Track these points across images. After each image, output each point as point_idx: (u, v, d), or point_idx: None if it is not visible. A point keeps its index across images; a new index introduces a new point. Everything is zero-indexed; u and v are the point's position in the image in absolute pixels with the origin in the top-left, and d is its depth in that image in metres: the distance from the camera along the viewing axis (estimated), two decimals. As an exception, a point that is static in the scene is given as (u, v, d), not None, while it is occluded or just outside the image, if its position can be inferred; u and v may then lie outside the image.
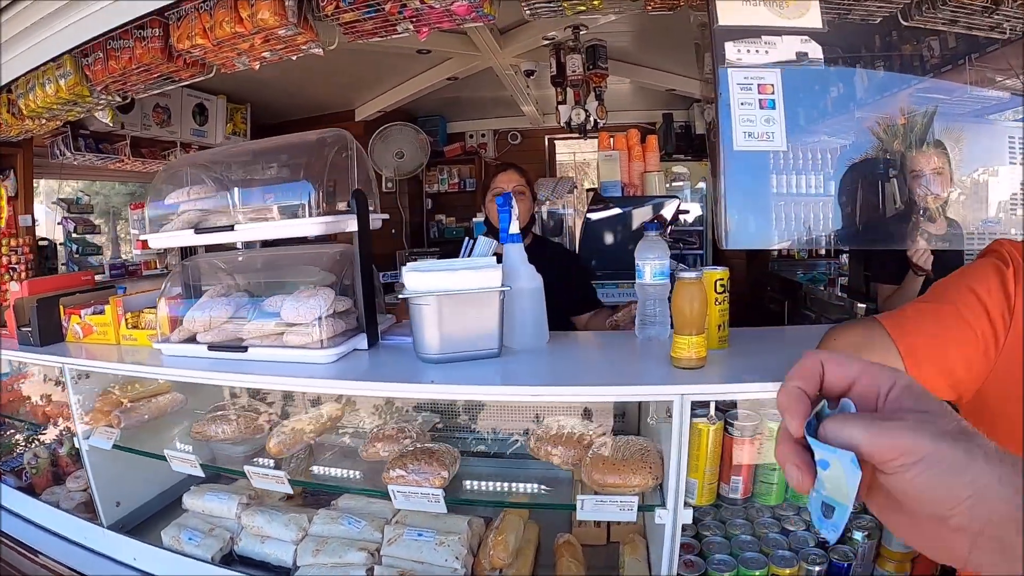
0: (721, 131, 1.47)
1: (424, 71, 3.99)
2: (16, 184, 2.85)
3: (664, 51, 3.61)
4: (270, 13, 1.63)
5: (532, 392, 1.14)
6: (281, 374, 1.38)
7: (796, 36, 1.52)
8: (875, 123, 1.59)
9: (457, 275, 1.27)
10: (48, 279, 2.17)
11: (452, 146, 5.66)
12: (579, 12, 1.70)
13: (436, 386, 1.20)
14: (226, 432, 1.66)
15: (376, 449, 1.46)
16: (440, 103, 5.12)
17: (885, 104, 1.62)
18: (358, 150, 1.50)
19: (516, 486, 1.45)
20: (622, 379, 1.20)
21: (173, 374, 1.55)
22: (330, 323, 1.41)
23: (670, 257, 1.45)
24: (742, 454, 1.18)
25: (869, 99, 1.66)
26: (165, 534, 1.78)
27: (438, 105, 5.23)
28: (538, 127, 5.35)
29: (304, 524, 1.70)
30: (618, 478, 1.19)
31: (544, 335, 1.48)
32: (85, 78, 2.04)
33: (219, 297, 1.60)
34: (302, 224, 1.35)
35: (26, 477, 2.24)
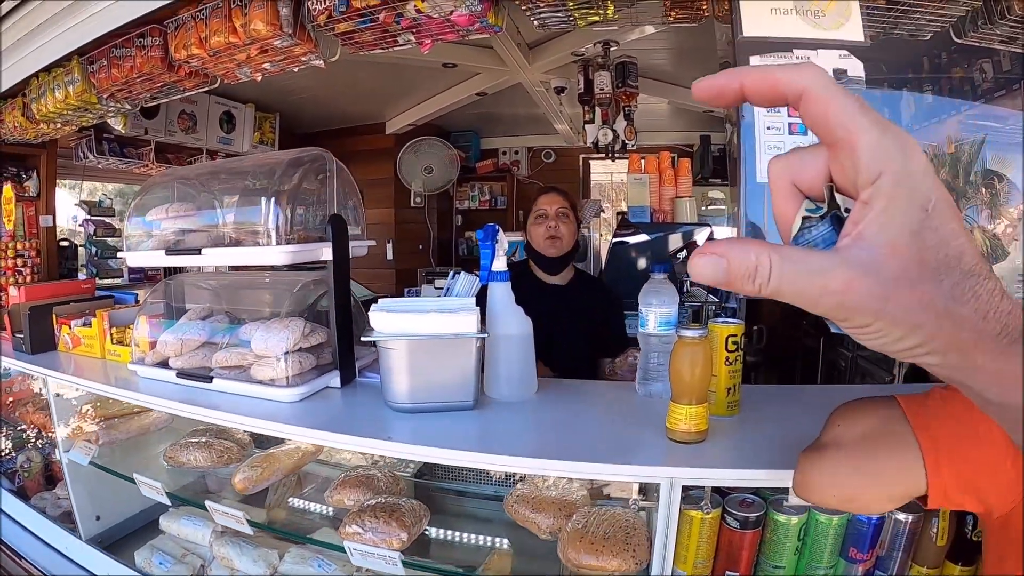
0: (743, 158, 1.31)
1: (452, 86, 3.93)
2: (38, 185, 2.89)
3: (701, 69, 3.40)
4: (263, 23, 1.56)
5: (494, 461, 1.00)
6: (242, 412, 1.28)
7: (834, 50, 1.33)
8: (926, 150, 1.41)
9: (427, 318, 1.14)
10: (46, 286, 2.16)
11: (484, 162, 5.56)
12: (592, 23, 1.57)
13: (392, 444, 1.06)
14: (198, 460, 1.58)
15: (341, 497, 1.35)
16: (473, 118, 5.05)
17: (932, 131, 1.47)
18: (341, 171, 1.39)
19: (491, 541, 1.34)
20: (606, 450, 1.03)
21: (141, 399, 1.48)
22: (297, 359, 1.30)
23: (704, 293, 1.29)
24: (741, 548, 1.01)
25: (916, 125, 1.49)
26: (138, 555, 1.73)
27: (471, 120, 5.16)
28: (572, 146, 5.20)
29: (274, 561, 1.61)
30: (595, 560, 1.04)
31: (531, 386, 1.33)
32: (91, 85, 2.03)
33: (196, 320, 1.52)
34: (267, 252, 1.24)
35: (19, 480, 2.23)
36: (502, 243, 1.27)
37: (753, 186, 1.25)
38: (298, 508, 1.67)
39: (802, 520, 1.01)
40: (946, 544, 1.08)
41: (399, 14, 1.48)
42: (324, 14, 1.51)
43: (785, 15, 1.34)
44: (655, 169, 3.22)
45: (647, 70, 3.45)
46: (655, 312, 1.24)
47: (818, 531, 1.02)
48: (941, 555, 1.08)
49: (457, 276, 1.30)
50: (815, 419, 1.09)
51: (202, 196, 1.42)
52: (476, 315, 1.16)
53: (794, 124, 1.26)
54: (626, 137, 3.15)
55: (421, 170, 4.83)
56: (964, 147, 1.43)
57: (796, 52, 1.33)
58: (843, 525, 1.03)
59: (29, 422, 2.14)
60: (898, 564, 1.08)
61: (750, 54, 1.31)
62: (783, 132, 1.25)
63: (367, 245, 1.49)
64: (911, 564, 1.09)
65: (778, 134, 1.25)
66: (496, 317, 1.25)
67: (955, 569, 1.11)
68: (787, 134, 1.25)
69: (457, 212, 5.66)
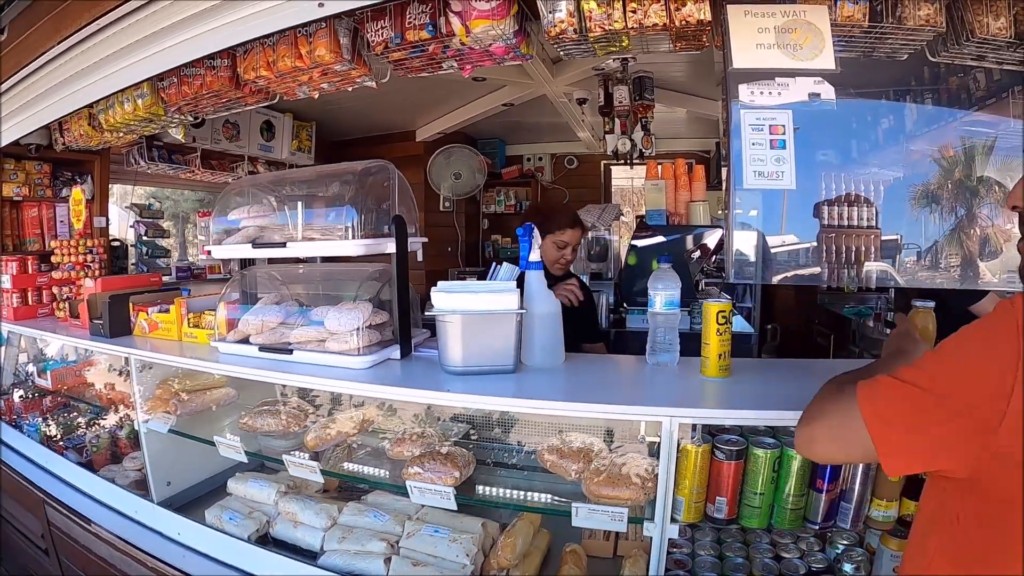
0: (732, 169, 1.57)
1: (481, 96, 4.18)
2: (93, 188, 3.16)
3: (714, 82, 3.66)
4: (326, 50, 1.82)
5: (530, 404, 1.29)
6: (321, 376, 1.55)
7: (809, 77, 1.59)
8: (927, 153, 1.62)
9: (478, 297, 1.43)
10: (119, 278, 2.42)
11: (510, 168, 5.81)
12: (610, 53, 1.83)
13: (451, 394, 1.35)
14: (270, 425, 1.84)
15: (401, 449, 1.61)
16: (499, 127, 5.30)
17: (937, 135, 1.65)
18: (400, 179, 1.67)
19: (527, 494, 1.57)
20: (620, 398, 1.32)
21: (227, 370, 1.75)
22: (366, 334, 1.57)
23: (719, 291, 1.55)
24: (727, 476, 1.28)
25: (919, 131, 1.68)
26: (208, 513, 1.97)
27: (497, 128, 5.41)
28: (594, 152, 5.42)
29: (334, 514, 1.87)
30: (611, 490, 1.31)
31: (559, 355, 1.61)
32: (160, 100, 2.27)
33: (272, 304, 1.79)
34: (345, 245, 1.53)
35: (87, 454, 2.48)
36: (536, 239, 1.56)
37: (741, 191, 1.51)
38: (353, 470, 1.90)
39: (775, 454, 1.28)
40: (900, 481, 1.31)
41: (446, 46, 1.75)
42: (381, 45, 1.78)
43: (768, 49, 1.58)
44: (671, 175, 3.46)
45: (664, 81, 3.68)
46: (661, 295, 1.51)
47: (789, 464, 1.29)
48: (896, 490, 1.32)
49: (500, 266, 1.58)
50: (795, 384, 1.37)
51: (280, 199, 1.69)
52: (517, 295, 1.44)
53: (774, 140, 1.52)
54: (643, 146, 3.42)
55: (450, 176, 5.10)
56: (975, 148, 1.58)
57: (777, 80, 1.60)
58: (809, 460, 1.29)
59: (106, 400, 2.39)
60: (857, 496, 1.32)
61: (739, 82, 1.57)
62: (765, 147, 1.51)
63: (421, 241, 1.77)
64: (872, 498, 1.34)
65: (761, 148, 1.51)
66: (532, 298, 1.54)
67: (910, 504, 1.34)
68: (768, 148, 1.51)
69: (484, 216, 5.94)
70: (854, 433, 0.81)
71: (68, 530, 2.42)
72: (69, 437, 2.62)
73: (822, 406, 0.90)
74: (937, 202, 1.59)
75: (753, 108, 1.54)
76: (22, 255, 2.78)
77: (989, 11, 1.55)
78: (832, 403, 0.88)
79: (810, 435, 0.89)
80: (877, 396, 0.80)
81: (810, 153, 1.56)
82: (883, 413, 0.78)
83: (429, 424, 1.78)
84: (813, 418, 0.89)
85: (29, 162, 3.10)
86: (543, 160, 5.84)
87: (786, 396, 1.32)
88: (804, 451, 0.94)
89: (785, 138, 1.54)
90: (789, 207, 1.57)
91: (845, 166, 1.61)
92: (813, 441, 0.89)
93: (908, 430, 0.76)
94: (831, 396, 0.90)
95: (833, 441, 0.87)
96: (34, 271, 2.73)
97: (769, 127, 1.54)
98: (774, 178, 1.53)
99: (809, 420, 0.90)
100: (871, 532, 1.59)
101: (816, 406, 0.91)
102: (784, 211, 1.58)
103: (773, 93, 1.57)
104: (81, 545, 2.33)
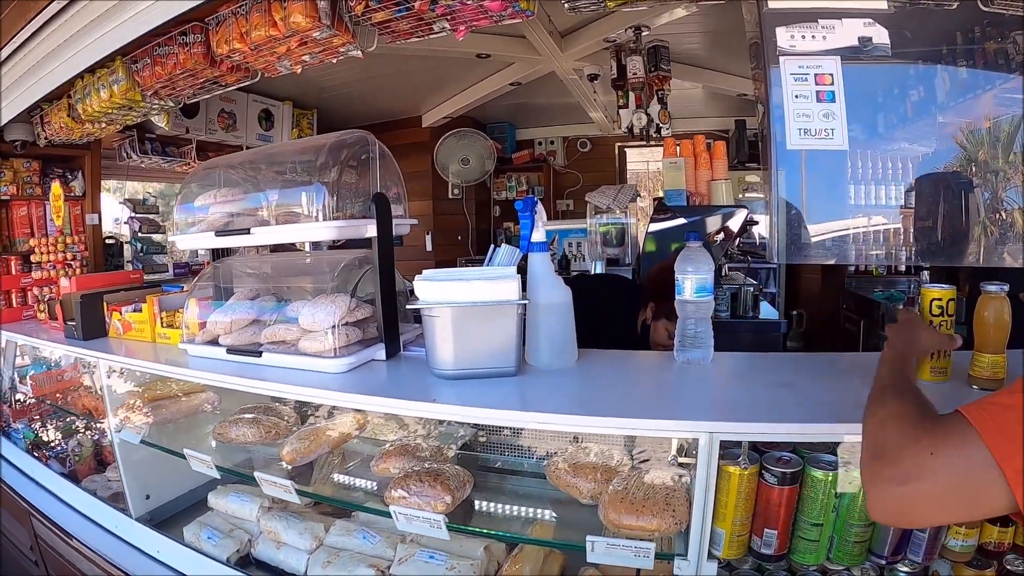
0: (772, 128, 1.32)
1: (487, 76, 4.00)
2: (84, 184, 3.01)
3: (735, 54, 3.44)
4: (302, 16, 1.61)
5: (537, 419, 1.04)
6: (293, 382, 1.34)
7: (858, 19, 1.34)
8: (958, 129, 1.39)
9: (471, 285, 1.19)
10: (96, 276, 2.26)
11: (520, 153, 5.62)
12: (622, 4, 1.59)
13: (438, 406, 1.11)
14: (247, 436, 1.64)
15: (387, 465, 1.40)
16: (508, 110, 5.13)
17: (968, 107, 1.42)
18: (382, 151, 1.45)
19: (534, 512, 1.36)
20: (647, 408, 1.07)
21: (193, 375, 1.55)
22: (344, 332, 1.36)
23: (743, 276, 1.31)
24: (779, 505, 1.03)
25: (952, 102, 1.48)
26: (187, 530, 1.81)
27: (506, 112, 5.24)
28: (608, 134, 5.23)
29: (320, 534, 1.67)
30: (634, 519, 1.07)
31: (572, 354, 1.37)
32: (136, 83, 2.11)
33: (245, 300, 1.59)
34: (315, 228, 1.31)
35: (70, 464, 2.34)
36: (541, 215, 1.31)
37: (783, 155, 1.26)
38: (342, 484, 1.72)
39: (838, 476, 1.03)
40: None
41: (434, 2, 1.53)
42: (361, 4, 1.57)
43: (810, -16, 1.35)
44: (690, 153, 3.20)
45: (680, 55, 3.48)
46: (691, 279, 1.26)
47: (854, 488, 1.04)
48: (981, 516, 1.10)
49: (498, 247, 1.35)
50: (846, 383, 1.12)
51: (247, 181, 1.48)
52: (517, 282, 1.20)
53: (822, 92, 1.27)
54: (660, 121, 3.17)
55: (458, 161, 4.91)
56: (1003, 124, 1.38)
57: (821, 22, 1.35)
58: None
59: (81, 407, 2.23)
60: (936, 524, 1.09)
61: (776, 25, 1.33)
62: (811, 100, 1.27)
63: (409, 224, 1.54)
64: (950, 524, 1.11)
65: (806, 102, 1.26)
66: (537, 286, 1.29)
67: (993, 531, 1.13)
68: (815, 101, 1.27)
69: (495, 203, 5.75)
70: (978, 479, 0.58)
71: (53, 544, 2.29)
72: (53, 446, 2.47)
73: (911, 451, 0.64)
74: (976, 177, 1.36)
75: (795, 55, 1.30)
76: (7, 256, 2.64)
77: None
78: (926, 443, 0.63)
79: (911, 495, 0.63)
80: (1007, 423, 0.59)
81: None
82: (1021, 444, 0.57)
83: (431, 426, 1.56)
84: (909, 475, 0.63)
85: (17, 160, 2.97)
86: (555, 144, 5.64)
87: (850, 403, 1.07)
88: (896, 516, 0.68)
89: (834, 89, 1.30)
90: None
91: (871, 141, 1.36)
92: (917, 506, 0.63)
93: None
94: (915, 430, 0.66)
95: (947, 499, 0.62)
96: (18, 272, 2.58)
97: (815, 76, 1.30)
98: (823, 136, 1.28)
99: (902, 477, 0.63)
100: (941, 561, 1.34)
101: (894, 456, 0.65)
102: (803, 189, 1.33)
103: (817, 36, 1.33)
104: (66, 560, 2.21)
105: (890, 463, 0.65)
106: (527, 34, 3.01)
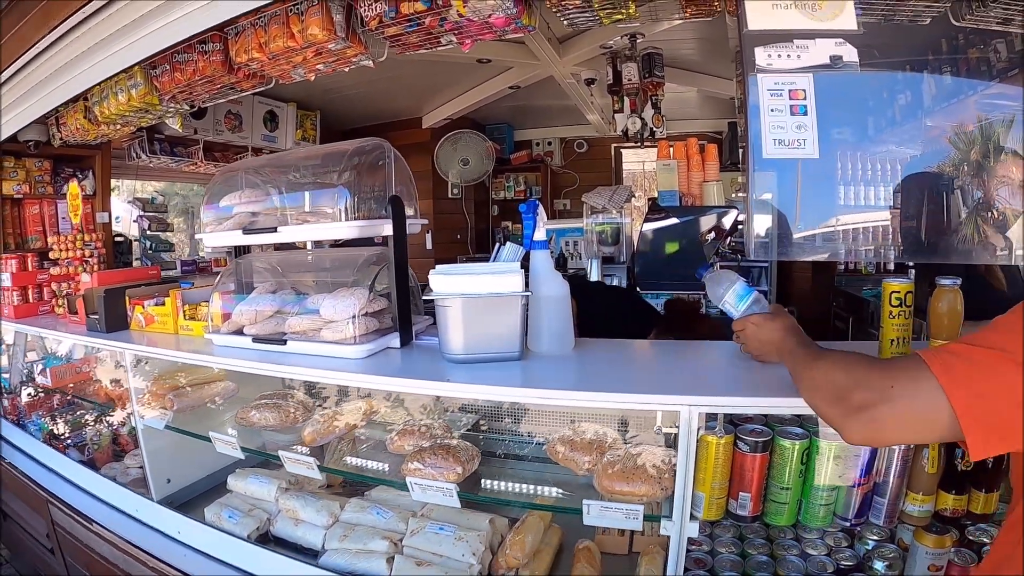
0: (750, 139, 1.46)
1: (487, 80, 4.12)
2: (95, 184, 3.12)
3: (727, 59, 3.58)
4: (319, 28, 1.74)
5: (537, 394, 1.19)
6: (317, 367, 1.47)
7: (830, 39, 1.48)
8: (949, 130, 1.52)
9: (480, 279, 1.33)
10: (116, 272, 2.37)
11: (519, 154, 5.75)
12: (616, 21, 1.72)
13: (452, 384, 1.25)
14: (268, 420, 1.76)
15: (402, 443, 1.53)
16: (506, 111, 5.24)
17: (955, 111, 1.54)
18: (396, 157, 1.58)
19: (535, 488, 1.48)
20: (635, 385, 1.22)
21: (221, 363, 1.67)
22: (363, 322, 1.49)
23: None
24: (752, 470, 1.18)
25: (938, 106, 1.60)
26: (208, 511, 1.91)
27: (505, 113, 5.35)
28: (604, 136, 5.36)
29: (336, 511, 1.79)
30: (626, 486, 1.21)
31: (569, 341, 1.51)
32: (154, 88, 2.22)
33: (267, 293, 1.72)
34: (338, 227, 1.44)
35: (88, 452, 2.44)
36: (542, 216, 1.45)
37: (760, 163, 1.41)
38: (355, 465, 1.84)
39: (804, 445, 1.17)
40: (937, 472, 1.21)
41: (443, 18, 1.66)
42: (375, 20, 1.69)
43: (785, 9, 1.48)
44: (683, 155, 3.35)
45: (674, 60, 3.60)
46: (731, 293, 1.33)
47: (819, 456, 1.18)
48: (934, 483, 1.22)
49: (503, 245, 1.49)
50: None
51: (269, 183, 1.61)
52: (521, 276, 1.34)
53: (795, 106, 1.42)
54: (654, 125, 3.33)
55: (458, 162, 5.03)
56: (993, 126, 1.46)
57: (796, 42, 1.49)
58: (842, 449, 1.19)
59: (104, 396, 2.34)
60: (893, 489, 1.22)
61: (755, 45, 1.46)
62: (785, 113, 1.41)
63: (420, 223, 1.68)
64: (907, 491, 1.24)
65: (780, 115, 1.41)
66: (538, 280, 1.43)
67: (948, 498, 1.24)
68: (789, 115, 1.41)
69: (493, 203, 5.91)
70: (932, 411, 0.72)
71: (72, 530, 2.38)
72: (71, 435, 2.58)
73: (878, 384, 0.78)
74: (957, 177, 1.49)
75: (771, 72, 1.44)
76: (23, 253, 2.73)
77: (1019, -32, 1.43)
78: (888, 379, 0.77)
79: (872, 419, 0.77)
80: (955, 366, 0.72)
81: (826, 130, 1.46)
82: (969, 384, 0.70)
83: (436, 415, 1.70)
84: (872, 401, 0.77)
85: (29, 159, 3.07)
86: (552, 144, 5.77)
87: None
88: (865, 438, 0.83)
89: (806, 103, 1.44)
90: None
91: (861, 144, 1.51)
92: (880, 427, 0.78)
93: (1006, 402, 0.68)
94: (880, 371, 0.79)
95: (906, 423, 0.77)
96: (34, 268, 2.68)
97: (789, 92, 1.44)
98: (795, 147, 1.42)
99: (867, 404, 0.78)
100: (903, 527, 1.49)
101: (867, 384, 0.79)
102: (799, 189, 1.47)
103: (792, 56, 1.47)
104: (84, 545, 2.30)
105: (855, 390, 0.80)
106: (526, 40, 3.13)
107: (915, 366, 0.75)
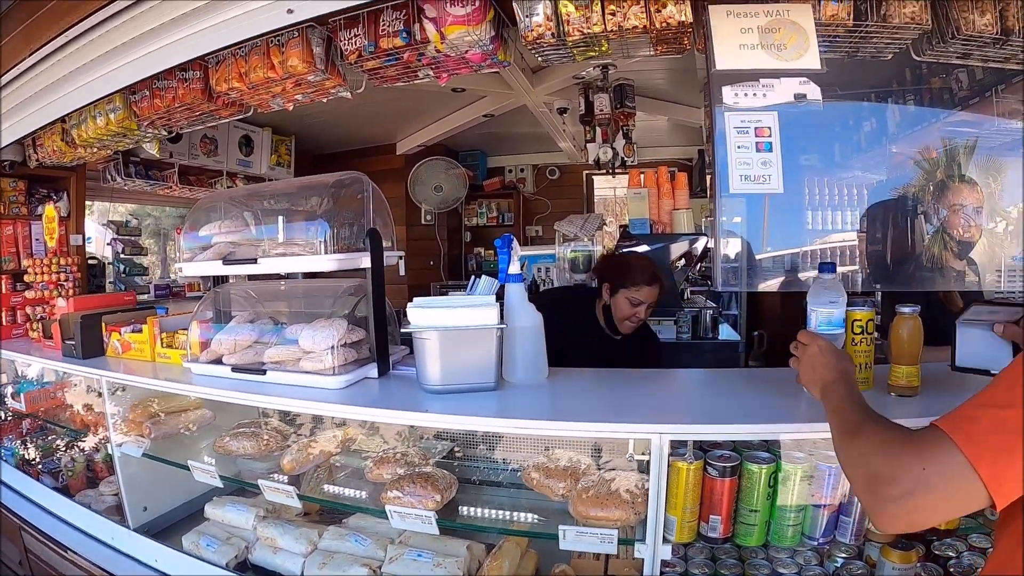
0: (717, 173, 1.52)
1: (461, 108, 4.16)
2: (69, 205, 3.09)
3: (696, 88, 3.66)
4: (299, 60, 1.77)
5: (512, 424, 1.23)
6: (295, 397, 1.49)
7: (794, 78, 1.55)
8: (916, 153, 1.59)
9: (456, 312, 1.36)
10: (92, 297, 2.35)
11: (491, 180, 5.79)
12: (589, 58, 1.78)
13: (429, 415, 1.28)
14: (246, 448, 1.77)
15: (380, 471, 1.54)
16: (480, 138, 5.29)
17: (919, 137, 1.63)
18: (374, 191, 1.61)
19: (511, 514, 1.51)
20: (606, 415, 1.26)
21: (200, 392, 1.68)
22: (341, 352, 1.51)
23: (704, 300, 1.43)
24: (721, 494, 1.22)
25: (902, 133, 1.66)
26: (186, 539, 1.90)
27: (478, 140, 5.39)
28: (576, 163, 5.41)
29: (314, 538, 1.80)
30: (600, 511, 1.25)
31: (543, 370, 1.55)
32: (133, 113, 2.22)
33: (245, 323, 1.73)
34: (318, 260, 1.46)
35: (62, 479, 2.40)
36: (516, 250, 1.50)
37: (727, 197, 1.47)
38: (333, 493, 1.84)
39: (771, 469, 1.22)
40: None
41: (421, 53, 1.70)
42: (355, 54, 1.73)
43: (752, 50, 1.54)
44: (654, 183, 3.42)
45: (646, 89, 3.67)
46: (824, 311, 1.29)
47: (785, 479, 1.23)
48: (896, 503, 1.28)
49: (479, 279, 1.52)
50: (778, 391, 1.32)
51: (250, 214, 1.63)
52: (496, 309, 1.38)
53: (760, 143, 1.48)
54: (625, 154, 3.40)
55: (431, 189, 5.06)
56: (958, 150, 1.55)
57: (762, 81, 1.56)
58: (808, 472, 1.24)
59: (80, 423, 2.31)
60: (858, 509, 1.27)
61: (723, 84, 1.53)
62: (751, 150, 1.47)
63: (397, 256, 1.71)
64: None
65: (746, 152, 1.47)
66: (513, 312, 1.47)
67: None
68: (754, 151, 1.47)
69: (466, 229, 5.94)
70: (965, 485, 0.71)
71: (45, 557, 2.34)
72: (45, 461, 2.54)
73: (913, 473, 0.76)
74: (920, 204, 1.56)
75: (738, 110, 1.50)
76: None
77: (975, 8, 1.52)
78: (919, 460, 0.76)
79: (915, 508, 0.75)
80: (974, 432, 0.72)
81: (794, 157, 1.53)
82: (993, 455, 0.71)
83: (412, 443, 1.72)
84: (906, 492, 0.75)
85: (4, 179, 3.03)
86: (525, 171, 5.84)
87: (781, 408, 1.27)
88: (906, 526, 0.81)
89: (771, 140, 1.50)
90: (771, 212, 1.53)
91: (828, 170, 1.58)
92: (921, 516, 0.76)
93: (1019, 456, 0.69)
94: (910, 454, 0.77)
95: (942, 506, 0.75)
96: (8, 291, 2.65)
97: (755, 129, 1.50)
98: (761, 182, 1.48)
99: (901, 497, 0.76)
100: (871, 544, 1.54)
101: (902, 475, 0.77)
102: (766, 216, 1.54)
103: (758, 94, 1.53)
104: (58, 572, 2.26)
105: (891, 483, 0.77)
106: (500, 71, 3.19)
107: (939, 441, 0.74)
